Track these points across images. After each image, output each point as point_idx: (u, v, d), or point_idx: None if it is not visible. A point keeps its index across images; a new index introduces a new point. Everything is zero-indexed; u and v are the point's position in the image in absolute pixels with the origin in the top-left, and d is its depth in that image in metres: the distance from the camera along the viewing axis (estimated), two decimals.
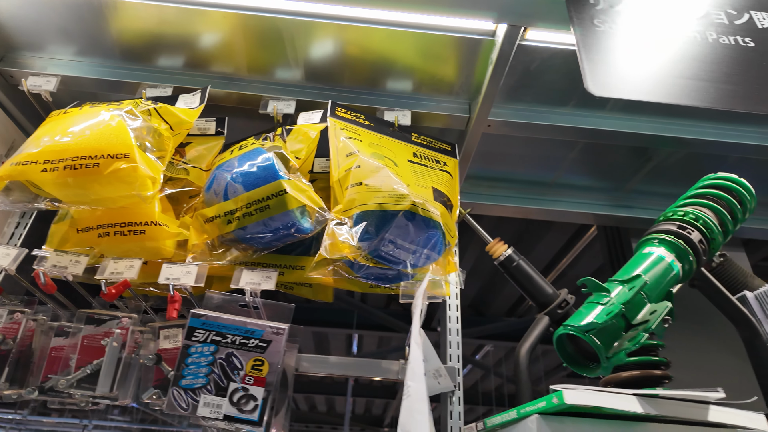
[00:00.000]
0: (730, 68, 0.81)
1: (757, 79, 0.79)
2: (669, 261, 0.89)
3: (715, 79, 0.78)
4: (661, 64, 0.79)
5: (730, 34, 0.85)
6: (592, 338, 0.74)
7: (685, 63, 0.80)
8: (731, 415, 0.65)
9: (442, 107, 1.27)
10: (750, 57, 0.83)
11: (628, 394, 0.64)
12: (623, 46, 0.81)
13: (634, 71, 0.77)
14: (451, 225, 1.05)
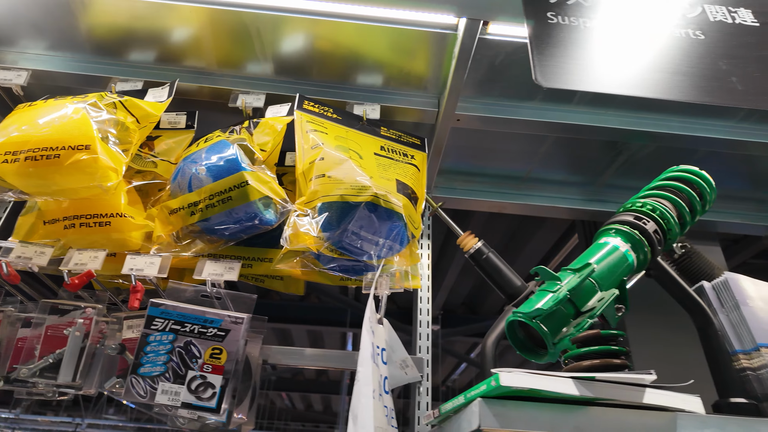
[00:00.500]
0: (681, 60, 0.82)
1: (704, 71, 0.80)
2: (623, 251, 0.90)
3: (665, 70, 0.79)
4: (610, 56, 0.80)
5: (683, 26, 0.87)
6: (539, 324, 0.75)
7: (634, 55, 0.81)
8: (667, 397, 0.66)
9: (412, 101, 1.28)
10: (700, 50, 0.84)
11: (564, 377, 0.65)
12: (573, 39, 0.82)
13: (583, 63, 0.79)
14: (415, 217, 1.07)
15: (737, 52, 0.84)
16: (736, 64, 0.82)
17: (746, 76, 0.80)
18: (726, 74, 0.81)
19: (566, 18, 0.85)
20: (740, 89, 0.79)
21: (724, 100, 0.77)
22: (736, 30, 0.88)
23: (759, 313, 0.92)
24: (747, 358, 0.89)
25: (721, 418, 0.68)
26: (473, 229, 3.22)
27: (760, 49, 0.84)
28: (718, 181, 1.57)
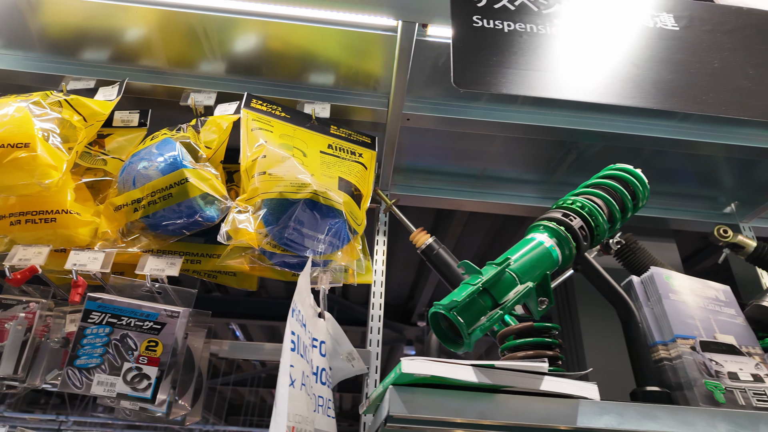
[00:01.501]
0: (596, 61, 0.86)
1: (619, 72, 0.84)
2: (548, 246, 0.94)
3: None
4: (529, 59, 0.83)
5: (602, 31, 0.90)
6: (455, 315, 0.78)
7: (553, 58, 0.85)
8: (565, 384, 0.70)
9: (362, 101, 1.31)
10: (618, 53, 0.88)
11: (465, 365, 0.68)
12: (496, 43, 0.85)
13: (501, 66, 0.82)
14: (357, 213, 1.09)
15: (653, 54, 0.88)
16: (651, 67, 0.86)
17: (659, 78, 0.84)
18: (641, 76, 0.84)
19: (491, 22, 0.88)
20: (652, 90, 0.82)
21: (635, 101, 0.80)
22: (656, 33, 0.92)
23: (680, 306, 0.96)
24: (665, 349, 0.93)
25: (620, 405, 0.72)
26: (455, 228, 3.29)
27: (675, 52, 0.88)
28: (668, 179, 1.63)
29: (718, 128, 1.36)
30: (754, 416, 0.74)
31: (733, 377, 0.88)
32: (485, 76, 0.80)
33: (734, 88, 0.84)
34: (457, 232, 3.03)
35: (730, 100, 0.83)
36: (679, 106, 0.80)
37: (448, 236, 3.25)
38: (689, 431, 0.72)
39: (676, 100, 0.81)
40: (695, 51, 0.90)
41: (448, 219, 2.76)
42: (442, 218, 2.99)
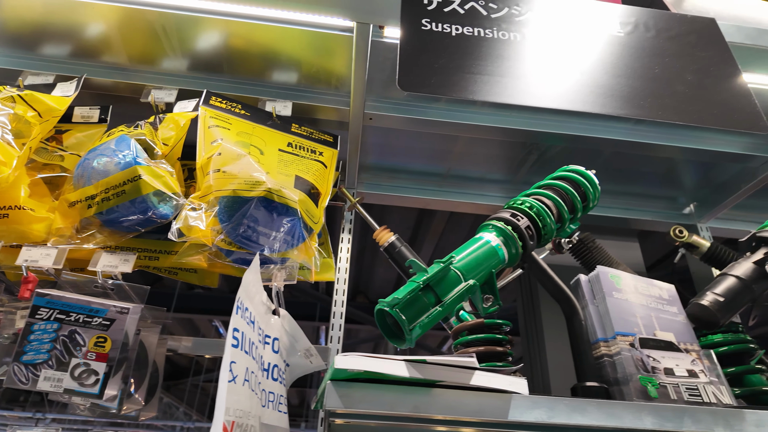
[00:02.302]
0: (541, 66, 0.88)
1: (561, 77, 0.86)
2: (494, 245, 0.96)
3: (521, 77, 0.85)
4: (474, 64, 0.85)
5: (549, 35, 0.92)
6: (397, 312, 0.80)
7: (497, 62, 0.87)
8: (495, 379, 0.72)
9: (325, 99, 1.32)
10: (561, 57, 0.90)
11: (397, 360, 0.70)
12: (444, 46, 0.87)
13: (446, 70, 0.84)
14: (314, 212, 1.11)
15: (597, 59, 0.90)
16: (593, 71, 0.88)
17: (600, 82, 0.86)
18: (582, 81, 0.86)
19: (440, 25, 0.90)
20: (591, 95, 0.84)
21: (574, 105, 0.83)
22: (601, 39, 0.94)
23: (623, 305, 0.99)
24: (606, 345, 0.96)
25: (551, 399, 0.75)
26: (437, 226, 3.30)
27: (618, 57, 0.91)
28: (630, 180, 1.67)
29: (673, 131, 1.39)
30: (679, 410, 0.77)
31: (669, 373, 0.91)
32: (429, 79, 0.82)
33: (672, 93, 0.87)
34: (439, 230, 3.06)
35: (668, 105, 0.85)
36: (617, 110, 0.83)
37: (430, 234, 3.28)
38: (616, 424, 0.75)
39: (614, 104, 0.84)
40: (638, 56, 0.93)
41: (430, 217, 2.79)
42: (425, 216, 3.02)
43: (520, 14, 0.95)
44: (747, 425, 0.76)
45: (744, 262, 1.05)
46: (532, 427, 0.79)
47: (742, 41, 1.02)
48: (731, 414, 0.77)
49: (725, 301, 0.99)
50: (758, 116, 0.88)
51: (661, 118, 0.83)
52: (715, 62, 0.94)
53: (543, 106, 0.82)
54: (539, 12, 0.96)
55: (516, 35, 0.91)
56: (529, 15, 0.95)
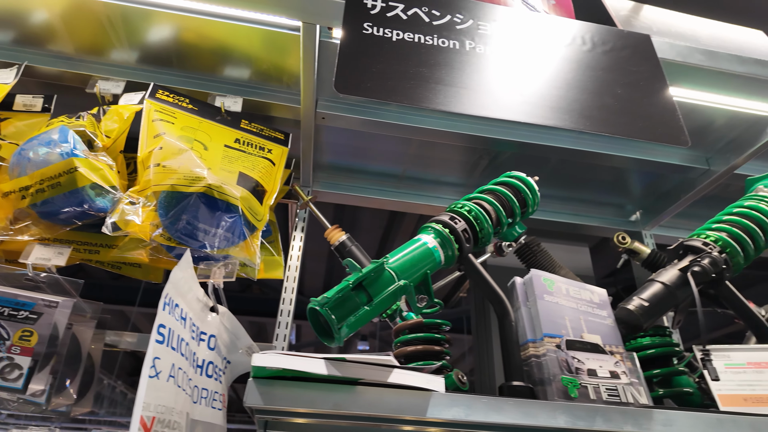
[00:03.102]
0: (479, 75, 0.90)
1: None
2: (430, 246, 0.98)
3: (457, 84, 0.87)
4: (412, 70, 0.87)
5: (488, 44, 0.95)
6: (326, 311, 0.81)
7: (436, 69, 0.89)
8: (413, 377, 0.74)
9: (277, 97, 1.32)
10: (501, 67, 0.93)
11: (317, 358, 0.71)
12: (383, 51, 0.89)
13: (384, 75, 0.85)
14: (258, 209, 1.11)
15: (530, 69, 0.93)
16: (523, 81, 0.91)
17: (530, 91, 0.89)
18: (509, 89, 0.89)
19: (381, 30, 0.91)
20: (519, 104, 0.87)
21: (502, 113, 0.85)
22: (539, 50, 0.97)
23: (552, 307, 1.03)
24: (534, 346, 0.99)
25: (469, 398, 0.77)
26: (408, 226, 3.31)
27: (550, 68, 0.94)
28: (580, 186, 1.72)
29: (618, 141, 1.45)
30: (592, 409, 0.80)
31: (592, 374, 0.95)
32: (366, 83, 0.83)
33: (600, 105, 0.90)
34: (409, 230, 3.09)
35: (595, 116, 0.89)
36: (544, 120, 0.86)
37: (401, 234, 3.30)
38: (531, 422, 0.78)
39: (540, 113, 0.87)
40: (572, 68, 0.96)
41: (401, 217, 2.81)
42: (396, 217, 3.03)
43: (461, 23, 0.97)
44: (655, 424, 0.80)
45: (671, 269, 1.10)
46: (450, 425, 0.81)
47: (673, 58, 1.06)
48: (640, 413, 0.81)
49: (649, 306, 1.03)
50: (680, 130, 0.92)
51: (586, 129, 0.86)
52: (646, 77, 0.98)
53: (471, 113, 0.84)
54: (481, 22, 0.98)
55: (456, 43, 0.93)
56: (471, 24, 0.97)
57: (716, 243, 1.12)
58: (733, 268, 1.12)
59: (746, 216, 1.18)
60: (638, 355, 1.11)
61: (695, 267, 1.05)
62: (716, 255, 1.08)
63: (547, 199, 1.74)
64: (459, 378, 1.12)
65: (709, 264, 1.05)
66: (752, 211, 1.18)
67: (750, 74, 1.10)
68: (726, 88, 1.19)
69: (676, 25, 1.38)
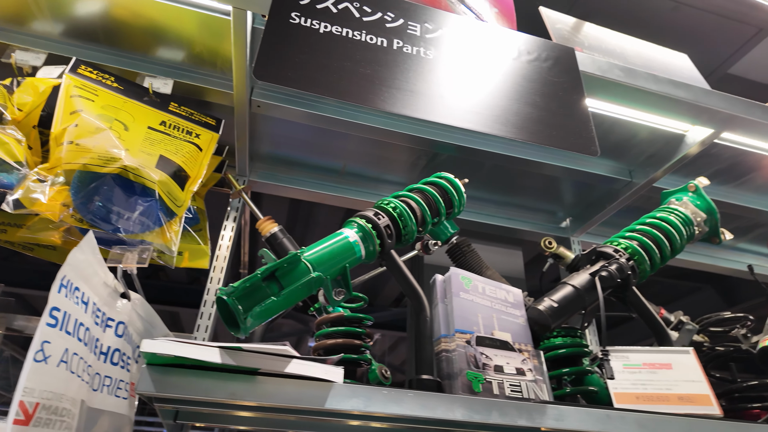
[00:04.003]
0: (404, 76, 0.92)
1: (426, 88, 0.90)
2: (352, 240, 0.98)
3: (387, 84, 0.88)
4: (336, 64, 0.87)
5: (416, 45, 0.96)
6: (233, 301, 0.80)
7: (361, 65, 0.89)
8: (311, 368, 0.74)
9: (210, 82, 1.29)
10: (426, 68, 0.94)
11: (212, 346, 0.71)
12: (308, 41, 0.89)
13: (306, 65, 0.85)
14: (178, 195, 1.08)
15: (450, 71, 0.95)
16: (449, 84, 0.93)
17: (448, 93, 0.92)
18: (437, 92, 0.91)
19: (309, 20, 0.91)
20: (439, 105, 0.89)
21: (419, 112, 0.87)
22: (452, 51, 1.00)
23: (467, 305, 1.06)
24: (446, 341, 1.01)
25: (368, 389, 0.78)
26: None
27: (470, 73, 0.96)
28: (516, 191, 1.77)
29: (547, 149, 1.50)
30: (489, 403, 0.83)
31: (498, 370, 0.98)
32: (287, 71, 0.82)
33: (517, 111, 0.94)
34: None
35: (511, 122, 0.92)
36: (462, 122, 0.88)
37: None
38: (429, 414, 0.79)
39: (459, 115, 0.89)
40: (494, 74, 1.00)
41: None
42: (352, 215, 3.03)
43: (391, 21, 0.98)
44: (547, 419, 0.84)
45: (582, 273, 1.15)
46: (349, 416, 0.82)
47: (593, 72, 1.12)
48: (534, 408, 0.85)
49: (558, 307, 1.08)
50: (591, 141, 0.97)
51: (500, 134, 0.89)
52: (565, 88, 1.02)
53: (390, 110, 0.85)
54: (411, 22, 1.00)
55: (384, 41, 0.94)
56: (401, 24, 0.99)
57: (626, 250, 1.19)
58: (640, 274, 1.19)
59: (656, 226, 1.25)
60: (550, 355, 1.17)
61: (603, 272, 1.10)
62: (623, 261, 1.14)
63: (484, 203, 1.78)
64: (382, 373, 1.14)
65: (615, 270, 1.11)
66: (662, 222, 1.26)
67: (664, 93, 1.17)
68: (644, 105, 1.26)
69: (607, 41, 1.45)
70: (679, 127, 1.38)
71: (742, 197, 1.71)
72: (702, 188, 1.32)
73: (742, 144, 1.43)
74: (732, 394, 1.32)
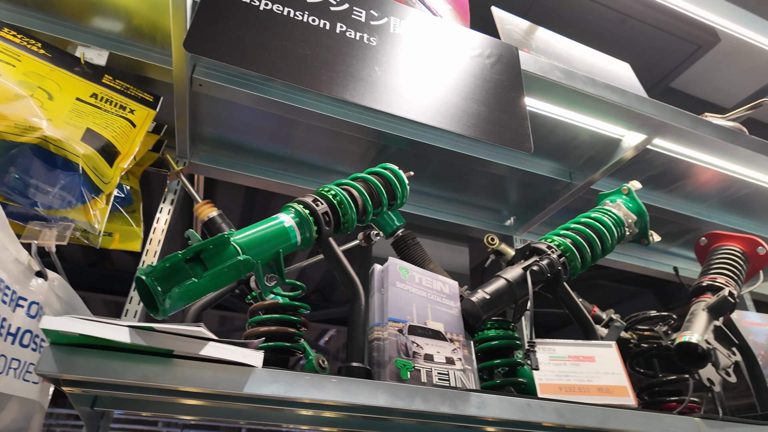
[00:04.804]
0: (346, 60, 0.91)
1: (365, 74, 0.90)
2: (287, 225, 0.97)
3: (322, 64, 0.87)
4: (271, 41, 0.85)
5: (360, 30, 0.96)
6: (151, 281, 0.77)
7: (301, 45, 0.88)
8: (228, 351, 0.73)
9: (149, 56, 1.23)
10: (368, 54, 0.94)
11: (122, 325, 0.67)
12: (244, 16, 0.86)
13: (241, 41, 0.82)
14: (105, 171, 1.03)
15: (394, 60, 0.96)
16: (391, 71, 0.93)
17: (391, 83, 0.92)
18: (377, 79, 0.91)
19: None
20: (383, 91, 0.89)
21: (360, 98, 0.86)
22: (396, 40, 1.00)
23: (403, 294, 1.06)
24: (380, 330, 1.02)
25: (290, 374, 0.77)
26: None
27: (415, 62, 0.97)
28: (463, 189, 1.80)
29: (492, 148, 1.53)
30: (413, 390, 0.84)
31: (428, 359, 0.99)
32: (220, 46, 0.80)
33: (456, 104, 0.95)
34: None
35: (449, 114, 0.93)
36: (401, 111, 0.88)
37: None
38: (352, 400, 0.79)
39: (393, 103, 0.89)
40: (437, 66, 1.00)
41: None
42: None
43: (336, 5, 0.97)
44: (469, 406, 0.86)
45: (516, 267, 1.18)
46: (270, 402, 0.81)
47: (535, 72, 1.15)
48: (457, 396, 0.86)
49: (490, 299, 1.10)
50: (526, 138, 0.99)
51: (438, 124, 0.90)
52: (505, 85, 1.04)
53: (327, 93, 0.84)
54: (356, 6, 0.99)
55: (326, 24, 0.93)
56: (346, 8, 0.98)
57: (558, 247, 1.23)
58: (571, 271, 1.23)
59: (589, 226, 1.30)
60: (484, 346, 1.19)
61: (534, 266, 1.14)
62: (554, 257, 1.18)
63: (433, 198, 1.80)
64: (319, 363, 1.13)
65: (546, 265, 1.15)
66: (595, 222, 1.31)
67: (600, 96, 1.21)
68: (583, 107, 1.31)
69: (555, 45, 1.50)
70: (616, 131, 1.44)
71: (673, 203, 1.80)
72: (634, 191, 1.38)
73: (673, 151, 1.51)
74: (653, 388, 1.39)
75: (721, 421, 1.09)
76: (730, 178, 1.66)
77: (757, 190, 1.71)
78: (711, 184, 1.71)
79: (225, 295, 1.29)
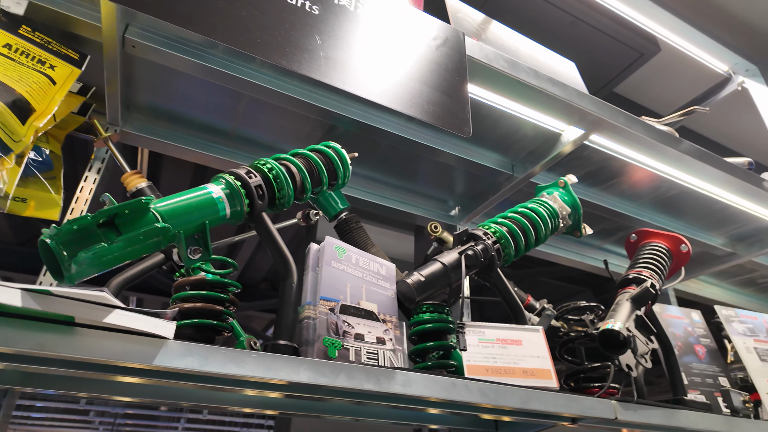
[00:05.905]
0: (283, 24, 0.87)
1: (303, 42, 0.87)
2: (216, 197, 0.92)
3: (258, 27, 0.83)
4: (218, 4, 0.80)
5: None
6: (55, 243, 0.71)
7: (237, 6, 0.84)
8: (137, 320, 0.68)
9: (75, 10, 1.14)
10: (309, 23, 0.91)
11: (12, 287, 0.62)
12: None
13: None
14: (16, 128, 0.94)
15: (337, 31, 0.93)
16: (332, 42, 0.91)
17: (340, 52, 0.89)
18: (317, 48, 0.88)
19: None
20: (323, 61, 0.86)
21: (298, 66, 0.83)
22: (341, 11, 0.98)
23: (337, 274, 1.05)
24: (311, 309, 1.00)
25: (207, 348, 0.73)
26: None
27: (350, 29, 0.95)
28: (411, 177, 1.80)
29: (441, 136, 1.54)
30: (337, 366, 0.82)
31: (359, 338, 0.98)
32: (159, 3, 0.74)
33: (399, 82, 0.94)
34: None
35: (390, 91, 0.92)
36: (333, 80, 0.86)
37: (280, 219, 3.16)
38: (272, 376, 0.77)
39: (331, 74, 0.87)
40: (379, 42, 0.99)
41: None
42: None
43: None
44: (394, 384, 0.86)
45: (452, 252, 1.20)
46: (183, 376, 0.77)
47: (480, 59, 1.16)
48: (383, 373, 0.85)
49: (425, 282, 1.11)
50: (465, 122, 1.00)
51: (378, 100, 0.89)
52: (449, 69, 1.04)
53: (261, 57, 0.81)
54: None
55: None
56: None
57: (494, 234, 1.25)
58: (504, 258, 1.26)
59: (525, 215, 1.33)
60: (419, 329, 1.20)
61: (469, 251, 1.15)
62: (489, 243, 1.20)
63: (380, 185, 1.79)
64: (251, 344, 1.09)
65: (480, 250, 1.17)
66: (531, 213, 1.35)
67: (541, 88, 1.24)
68: (525, 99, 1.33)
69: (504, 38, 1.52)
70: (556, 125, 1.48)
71: (608, 200, 1.89)
72: (570, 185, 1.43)
73: (610, 149, 1.58)
74: (578, 375, 1.45)
75: (635, 404, 1.15)
76: (660, 178, 1.75)
77: (684, 191, 1.82)
78: (643, 183, 1.80)
79: (151, 271, 1.23)
